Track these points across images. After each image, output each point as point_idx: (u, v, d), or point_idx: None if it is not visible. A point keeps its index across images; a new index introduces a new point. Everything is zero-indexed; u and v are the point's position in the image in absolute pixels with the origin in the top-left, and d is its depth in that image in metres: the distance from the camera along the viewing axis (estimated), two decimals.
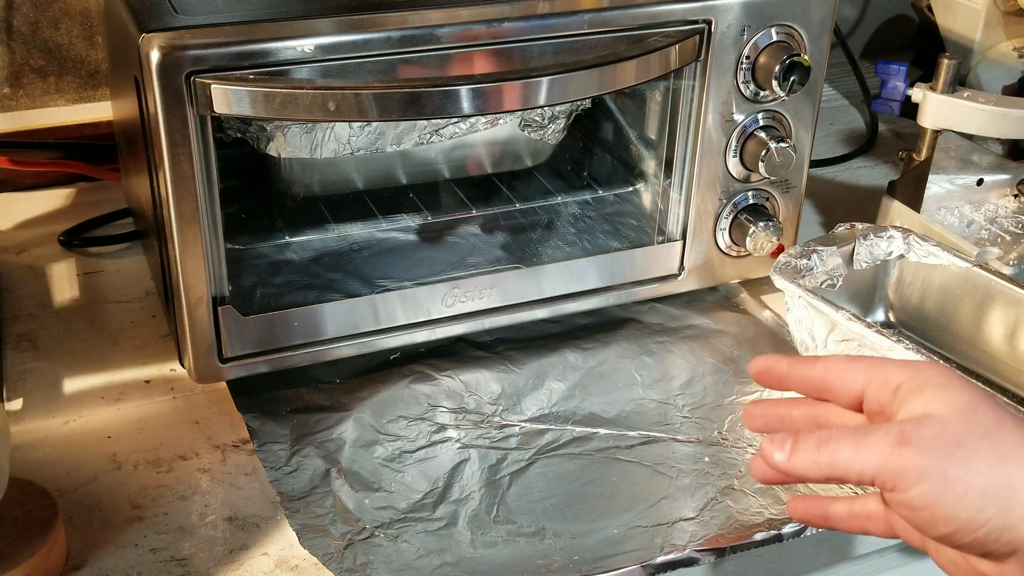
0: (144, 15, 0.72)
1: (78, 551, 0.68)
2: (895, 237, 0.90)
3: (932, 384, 0.52)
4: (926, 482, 0.49)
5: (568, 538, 0.71)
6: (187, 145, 0.70)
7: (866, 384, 0.54)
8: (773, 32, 0.83)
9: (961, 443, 0.49)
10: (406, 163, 0.93)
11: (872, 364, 0.55)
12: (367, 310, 0.81)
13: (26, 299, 0.93)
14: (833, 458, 0.51)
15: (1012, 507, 0.48)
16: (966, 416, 0.50)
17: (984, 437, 0.49)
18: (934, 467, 0.49)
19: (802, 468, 0.52)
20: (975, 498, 0.48)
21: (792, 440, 0.52)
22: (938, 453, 0.49)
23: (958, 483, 0.48)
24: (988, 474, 0.48)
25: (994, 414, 0.51)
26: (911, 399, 0.52)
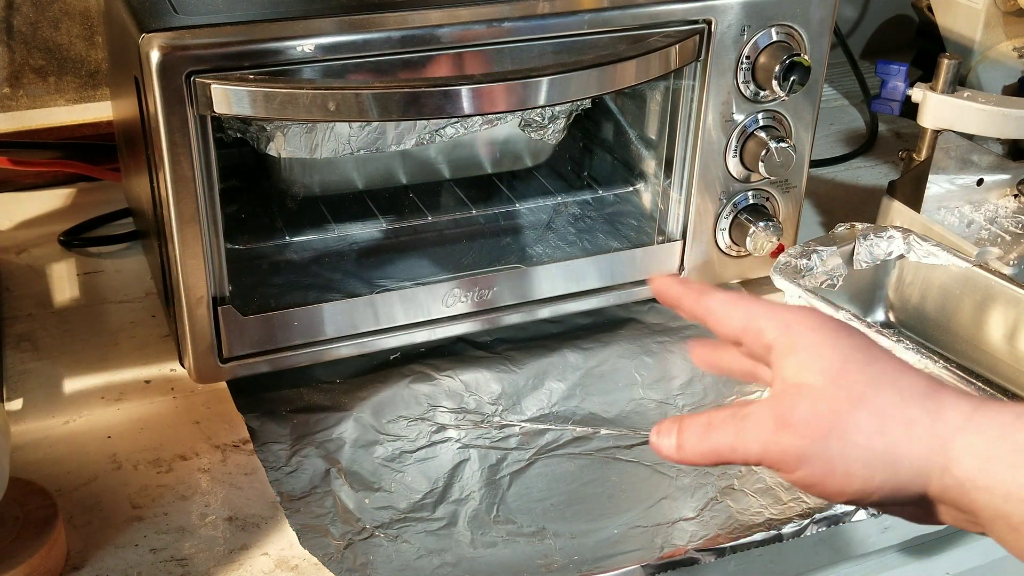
0: (144, 15, 0.72)
1: (78, 551, 0.68)
2: (895, 237, 0.90)
3: (802, 346, 0.52)
4: (808, 464, 0.49)
5: (568, 538, 0.71)
6: (187, 145, 0.70)
7: (742, 333, 0.55)
8: (773, 32, 0.83)
9: (837, 418, 0.49)
10: (406, 163, 0.93)
11: (748, 313, 0.55)
12: (367, 310, 0.81)
13: (26, 299, 0.93)
14: (717, 447, 0.52)
15: (897, 470, 0.49)
16: (839, 383, 0.50)
17: (859, 405, 0.49)
18: (814, 449, 0.49)
19: (692, 459, 0.53)
20: (859, 470, 0.49)
21: (678, 430, 0.53)
22: (816, 433, 0.49)
23: (840, 460, 0.49)
24: (868, 444, 0.49)
25: (868, 374, 0.50)
26: (784, 361, 0.52)
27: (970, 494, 0.47)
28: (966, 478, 0.47)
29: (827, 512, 0.72)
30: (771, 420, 0.50)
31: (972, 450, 0.48)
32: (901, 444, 0.49)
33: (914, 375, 0.51)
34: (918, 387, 0.50)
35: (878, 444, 0.49)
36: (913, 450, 0.48)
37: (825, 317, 0.53)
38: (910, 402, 0.49)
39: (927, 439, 0.48)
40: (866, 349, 0.52)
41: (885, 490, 0.49)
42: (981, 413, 0.48)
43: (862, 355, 0.51)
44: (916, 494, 0.49)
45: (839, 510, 0.72)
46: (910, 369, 0.51)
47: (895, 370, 0.51)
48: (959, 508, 0.48)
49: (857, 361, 0.51)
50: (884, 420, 0.49)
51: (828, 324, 0.53)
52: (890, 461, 0.49)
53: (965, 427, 0.48)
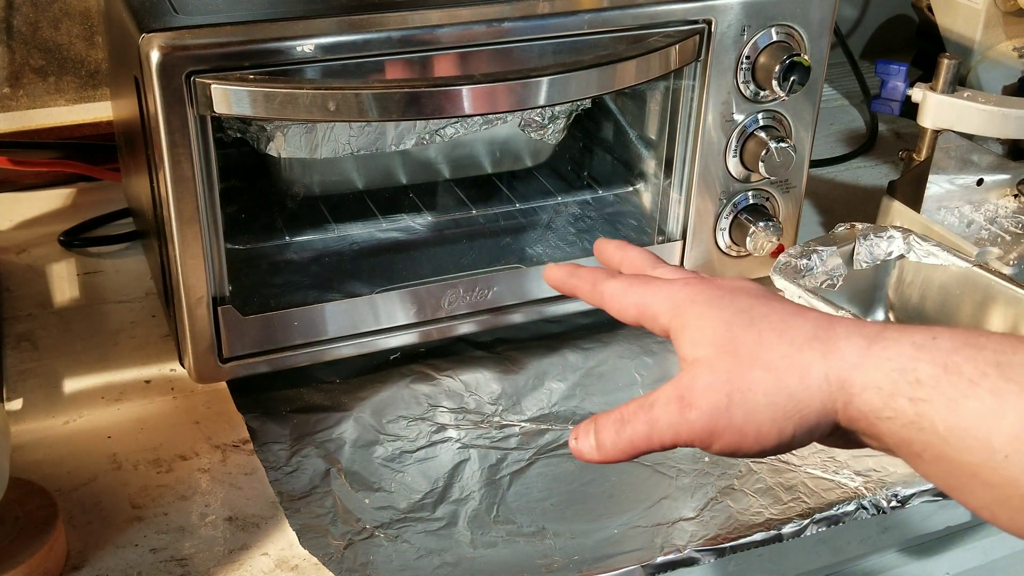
0: (144, 15, 0.72)
1: (78, 551, 0.68)
2: (895, 237, 0.90)
3: (690, 322, 0.53)
4: (720, 436, 0.50)
5: (568, 538, 0.71)
6: (187, 145, 0.70)
7: (640, 319, 0.56)
8: (773, 32, 0.83)
9: (733, 384, 0.50)
10: (406, 163, 0.93)
11: (640, 299, 0.56)
12: (367, 310, 0.81)
13: (26, 299, 0.93)
14: (633, 440, 0.53)
15: (805, 415, 0.49)
16: (727, 349, 0.51)
17: (752, 366, 0.50)
18: (720, 420, 0.50)
19: (612, 456, 0.54)
20: (769, 427, 0.49)
21: (594, 430, 0.54)
22: (717, 404, 0.50)
23: (748, 423, 0.50)
24: (769, 401, 0.49)
25: (754, 332, 0.51)
26: (679, 341, 0.53)
27: (875, 424, 0.48)
28: (869, 410, 0.48)
29: (827, 512, 0.72)
30: (675, 402, 0.51)
31: (872, 383, 0.48)
32: (799, 392, 0.49)
33: (801, 319, 0.51)
34: (806, 331, 0.50)
35: (779, 399, 0.49)
36: (812, 394, 0.49)
37: (707, 285, 0.55)
38: (801, 349, 0.50)
39: (824, 382, 0.49)
40: (748, 309, 0.52)
41: (800, 434, 0.50)
42: (879, 346, 0.48)
43: (745, 315, 0.52)
44: (829, 428, 0.50)
45: (839, 510, 0.72)
46: (797, 313, 0.52)
47: (780, 320, 0.51)
48: (869, 435, 0.49)
49: (741, 321, 0.51)
50: (779, 373, 0.49)
51: (708, 292, 0.54)
52: (795, 410, 0.49)
53: (862, 363, 0.48)
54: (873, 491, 0.74)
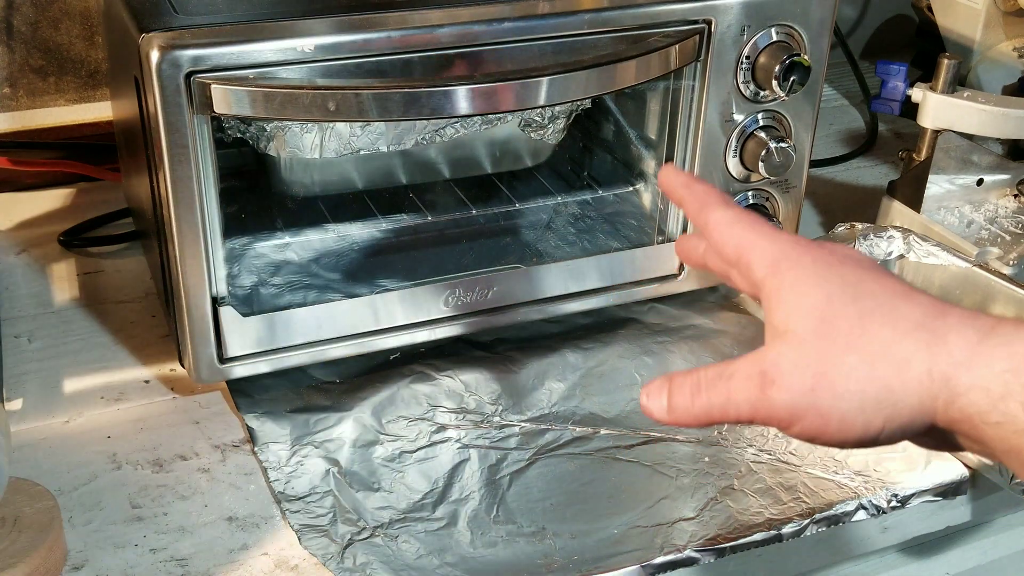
0: (144, 15, 0.72)
1: (78, 551, 0.68)
2: (895, 237, 0.90)
3: (787, 286, 0.49)
4: (801, 419, 0.47)
5: (568, 538, 0.71)
6: (187, 145, 0.70)
7: (735, 262, 0.53)
8: (773, 32, 0.83)
9: (823, 367, 0.47)
10: (406, 163, 0.93)
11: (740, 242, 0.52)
12: (367, 310, 0.81)
13: (26, 299, 0.93)
14: (708, 408, 0.50)
15: (898, 409, 0.46)
16: (825, 327, 0.47)
17: (847, 350, 0.46)
18: (804, 402, 0.47)
19: (683, 420, 0.51)
20: (856, 416, 0.46)
21: (668, 392, 0.51)
22: (802, 387, 0.47)
23: (833, 410, 0.47)
24: (860, 390, 0.46)
25: (856, 310, 0.47)
26: (770, 304, 0.50)
27: (979, 428, 0.45)
28: (975, 412, 0.45)
29: (827, 512, 0.72)
30: (757, 378, 0.48)
31: (981, 384, 0.45)
32: (896, 385, 0.46)
33: (910, 303, 0.47)
34: (913, 317, 0.47)
35: (871, 389, 0.46)
36: (910, 389, 0.46)
37: (814, 247, 0.51)
38: (904, 337, 0.46)
39: (925, 377, 0.46)
40: (856, 282, 0.48)
41: (890, 429, 0.47)
42: (990, 344, 0.45)
43: (851, 290, 0.48)
44: (924, 427, 0.47)
45: (839, 510, 0.73)
46: (907, 295, 0.48)
47: (888, 301, 0.47)
48: (971, 439, 0.46)
49: (844, 297, 0.48)
50: (874, 362, 0.46)
51: (812, 254, 0.50)
52: (888, 403, 0.46)
53: (971, 361, 0.45)
54: (873, 491, 0.74)
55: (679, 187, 0.57)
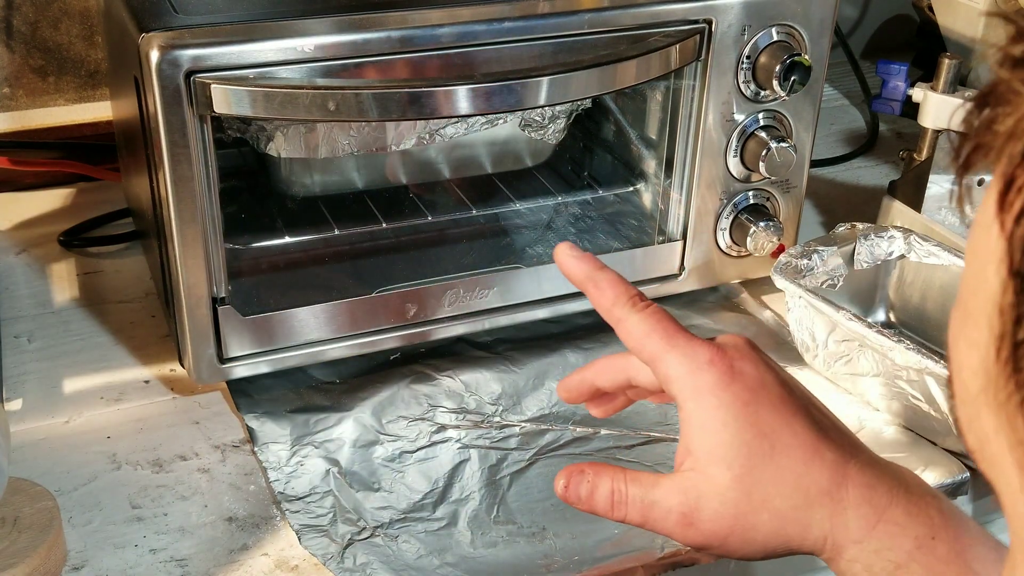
0: (144, 15, 0.72)
1: (78, 551, 0.68)
2: (896, 237, 0.90)
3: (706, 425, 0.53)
4: (711, 551, 0.54)
5: (568, 538, 0.71)
6: (187, 145, 0.70)
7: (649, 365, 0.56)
8: (774, 32, 0.83)
9: (738, 522, 0.52)
10: (406, 163, 0.93)
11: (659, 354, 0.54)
12: (367, 310, 0.81)
13: (26, 299, 0.93)
14: (624, 519, 0.55)
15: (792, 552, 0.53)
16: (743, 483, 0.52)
17: (761, 508, 0.52)
18: (715, 544, 0.53)
19: (602, 515, 0.56)
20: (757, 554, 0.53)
21: (588, 492, 0.55)
22: (719, 535, 0.52)
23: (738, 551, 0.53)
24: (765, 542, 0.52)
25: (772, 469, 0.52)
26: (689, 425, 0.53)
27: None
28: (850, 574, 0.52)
29: None
30: (676, 515, 0.53)
31: (865, 561, 0.51)
32: (795, 543, 0.52)
33: (819, 466, 0.52)
34: (821, 481, 0.51)
35: (774, 542, 0.52)
36: (806, 546, 0.52)
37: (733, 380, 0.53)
38: (812, 503, 0.51)
39: (821, 541, 0.52)
40: (771, 433, 0.52)
41: (780, 556, 0.54)
42: (883, 530, 0.51)
43: (767, 443, 0.52)
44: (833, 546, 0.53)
45: None
46: (817, 451, 0.52)
47: (801, 462, 0.52)
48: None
49: (761, 455, 0.52)
50: (783, 523, 0.52)
51: (732, 390, 0.53)
52: (786, 548, 0.53)
53: (862, 541, 0.51)
54: None
55: (584, 280, 0.58)
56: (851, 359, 0.81)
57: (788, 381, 0.55)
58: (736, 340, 0.55)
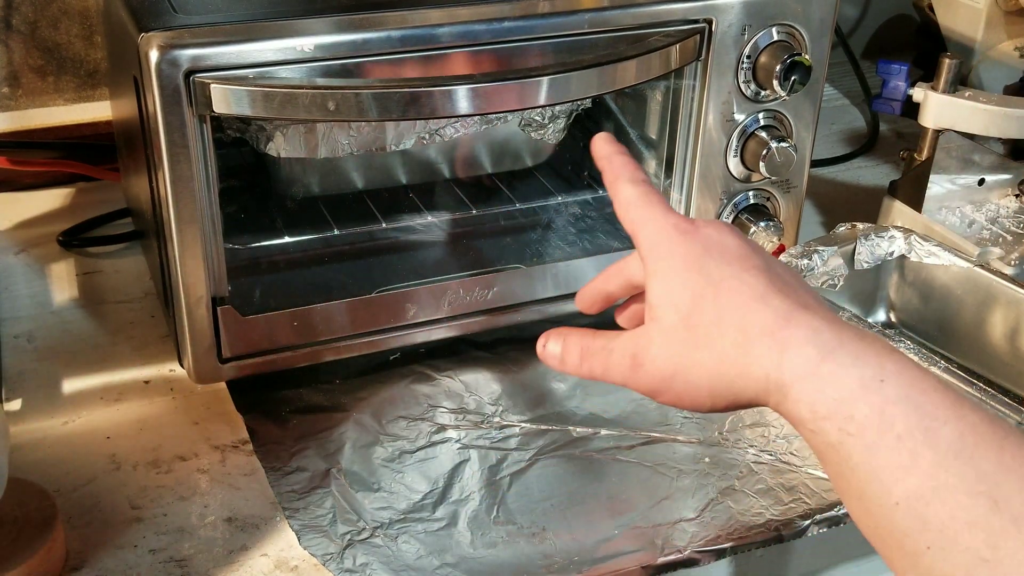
0: (143, 14, 0.72)
1: (77, 552, 0.68)
2: (896, 237, 0.90)
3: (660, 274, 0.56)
4: (660, 395, 0.56)
5: (568, 539, 0.70)
6: (187, 145, 0.70)
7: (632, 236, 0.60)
8: (774, 32, 0.82)
9: (681, 360, 0.54)
10: (406, 163, 0.93)
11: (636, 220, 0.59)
12: (367, 310, 0.81)
13: (26, 299, 0.93)
14: (591, 372, 0.59)
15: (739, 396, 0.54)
16: (687, 323, 0.54)
17: (703, 346, 0.54)
18: (663, 385, 0.55)
19: (572, 373, 0.61)
20: (704, 398, 0.55)
21: (562, 347, 0.61)
22: (663, 374, 0.55)
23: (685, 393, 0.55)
24: (709, 382, 0.54)
25: (715, 310, 0.54)
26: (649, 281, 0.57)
27: (797, 426, 0.52)
28: (798, 417, 0.51)
29: (828, 513, 0.72)
30: (629, 359, 0.56)
31: (808, 400, 0.50)
32: (738, 382, 0.53)
33: (763, 306, 0.53)
34: (765, 321, 0.52)
35: (718, 383, 0.54)
36: (749, 386, 0.53)
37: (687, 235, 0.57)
38: (752, 342, 0.52)
39: (764, 380, 0.52)
40: (718, 280, 0.54)
41: (732, 406, 0.55)
42: (827, 367, 0.50)
43: (712, 290, 0.54)
44: (759, 406, 0.54)
45: (840, 511, 0.72)
46: (763, 298, 0.53)
47: (744, 304, 0.53)
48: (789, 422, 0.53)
49: (706, 296, 0.54)
50: (723, 359, 0.53)
51: (687, 246, 0.56)
52: (731, 393, 0.54)
53: (805, 379, 0.51)
54: None
55: (602, 158, 0.64)
56: None
57: (754, 251, 0.57)
58: (714, 220, 0.60)
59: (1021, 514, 0.45)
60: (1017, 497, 0.45)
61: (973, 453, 0.47)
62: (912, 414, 0.48)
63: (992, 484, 0.46)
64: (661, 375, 0.55)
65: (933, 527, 0.46)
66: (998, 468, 0.46)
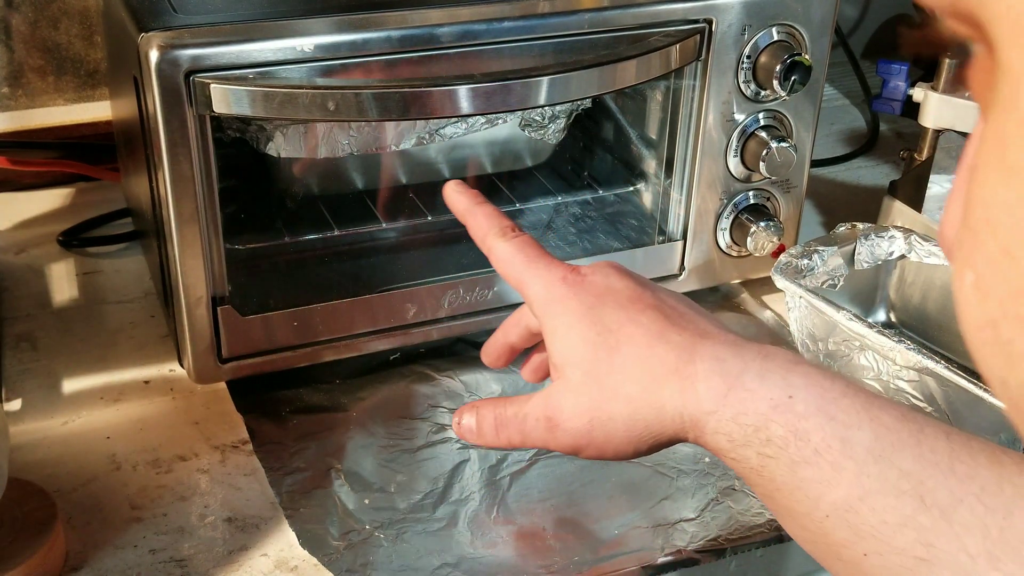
0: (143, 14, 0.72)
1: (77, 552, 0.68)
2: (896, 237, 0.90)
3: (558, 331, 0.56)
4: (584, 451, 0.56)
5: (568, 539, 0.70)
6: (187, 145, 0.70)
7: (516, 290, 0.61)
8: (774, 31, 0.82)
9: (595, 413, 0.55)
10: (406, 163, 0.93)
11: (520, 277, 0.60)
12: (367, 310, 0.81)
13: (25, 299, 0.93)
14: (509, 440, 0.59)
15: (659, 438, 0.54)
16: (592, 376, 0.55)
17: (613, 398, 0.54)
18: (583, 440, 0.55)
19: (491, 445, 0.61)
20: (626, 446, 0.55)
21: (476, 420, 0.60)
22: (581, 429, 0.55)
23: (606, 443, 0.55)
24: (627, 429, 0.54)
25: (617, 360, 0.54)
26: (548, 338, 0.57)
27: (721, 456, 0.53)
28: (717, 449, 0.52)
29: None
30: (544, 422, 0.56)
31: (724, 431, 0.51)
32: (655, 425, 0.54)
33: (664, 347, 0.54)
34: (667, 362, 0.53)
35: (635, 427, 0.54)
36: (666, 426, 0.53)
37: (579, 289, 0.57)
38: (661, 382, 0.53)
39: (678, 418, 0.53)
40: (616, 328, 0.55)
41: (655, 449, 0.55)
42: (736, 397, 0.51)
43: (611, 338, 0.55)
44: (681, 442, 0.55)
45: None
46: (661, 337, 0.54)
47: (645, 347, 0.54)
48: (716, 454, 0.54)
49: (606, 347, 0.54)
50: (636, 406, 0.54)
51: (579, 296, 0.56)
52: (650, 435, 0.54)
53: (716, 411, 0.51)
54: None
55: (463, 212, 0.63)
56: (851, 359, 0.81)
57: (645, 289, 0.57)
58: (599, 263, 0.59)
59: (948, 506, 0.44)
60: (942, 490, 0.45)
61: (891, 453, 0.46)
62: (826, 426, 0.48)
63: (916, 481, 0.45)
64: (578, 431, 0.55)
65: (866, 534, 0.46)
66: (918, 463, 0.46)
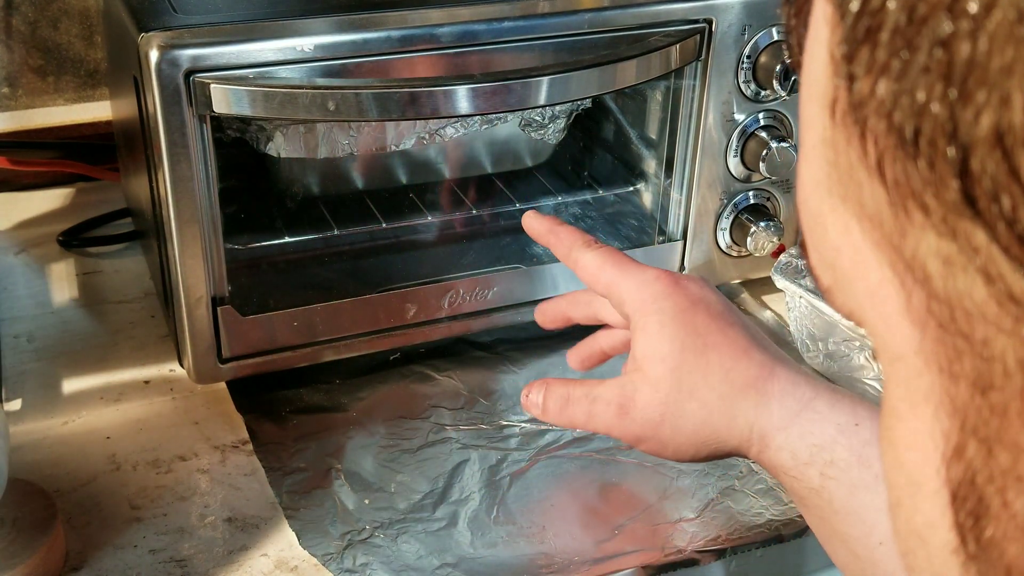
0: (143, 14, 0.72)
1: (77, 552, 0.68)
2: None
3: (649, 329, 0.58)
4: (644, 443, 0.58)
5: (568, 538, 0.70)
6: (187, 145, 0.70)
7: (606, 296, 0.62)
8: (774, 31, 0.82)
9: (669, 409, 0.56)
10: (406, 163, 0.93)
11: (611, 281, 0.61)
12: (367, 310, 0.81)
13: (25, 299, 0.93)
14: (573, 420, 0.61)
15: (720, 447, 0.56)
16: (675, 374, 0.56)
17: (690, 397, 0.56)
18: (649, 432, 0.57)
19: (553, 422, 0.62)
20: (688, 449, 0.57)
21: (543, 397, 0.62)
22: (650, 422, 0.57)
23: (670, 442, 0.57)
24: (695, 431, 0.56)
25: (701, 364, 0.56)
26: (635, 336, 0.58)
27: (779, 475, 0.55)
28: (778, 465, 0.54)
29: None
30: (615, 407, 0.58)
31: (790, 448, 0.53)
32: (723, 432, 0.55)
33: (747, 361, 0.56)
34: (749, 374, 0.55)
35: (703, 431, 0.56)
36: (733, 436, 0.55)
37: (674, 291, 0.58)
38: (739, 392, 0.55)
39: (747, 430, 0.55)
40: (705, 333, 0.57)
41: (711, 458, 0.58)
42: (806, 417, 0.53)
43: (699, 341, 0.56)
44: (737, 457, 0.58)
45: None
46: (746, 351, 0.56)
47: (730, 357, 0.56)
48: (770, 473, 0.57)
49: (694, 349, 0.56)
50: (710, 412, 0.55)
51: (673, 299, 0.58)
52: (714, 443, 0.56)
53: (787, 428, 0.54)
54: None
55: (545, 233, 0.66)
56: (851, 359, 0.81)
57: (731, 307, 0.59)
58: (691, 274, 0.62)
59: None
60: None
61: None
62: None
63: None
64: (648, 421, 0.56)
65: None
66: None
